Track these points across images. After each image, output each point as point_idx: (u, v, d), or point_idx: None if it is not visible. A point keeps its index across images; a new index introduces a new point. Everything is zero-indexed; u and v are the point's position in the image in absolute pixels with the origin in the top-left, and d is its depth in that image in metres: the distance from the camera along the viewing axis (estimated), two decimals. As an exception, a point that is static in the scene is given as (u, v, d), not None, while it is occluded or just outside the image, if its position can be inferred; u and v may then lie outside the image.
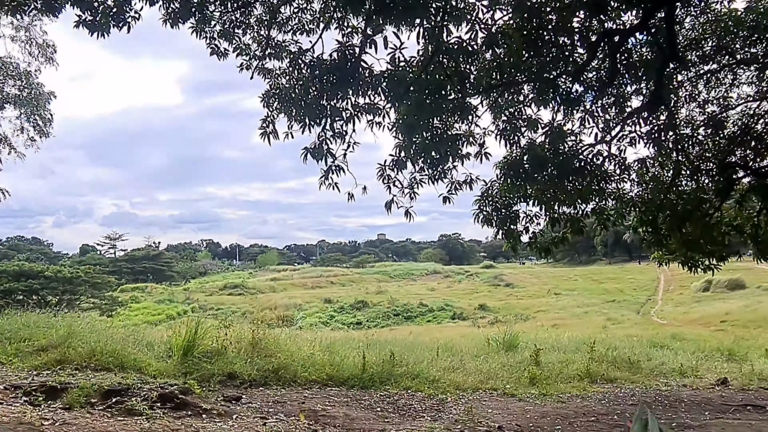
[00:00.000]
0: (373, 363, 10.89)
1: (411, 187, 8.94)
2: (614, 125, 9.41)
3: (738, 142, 10.07)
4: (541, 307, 51.09)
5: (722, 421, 8.81)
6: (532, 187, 9.18)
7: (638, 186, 10.19)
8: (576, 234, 9.73)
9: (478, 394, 10.21)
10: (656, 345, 17.16)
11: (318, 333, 17.37)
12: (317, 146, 7.98)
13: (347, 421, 7.79)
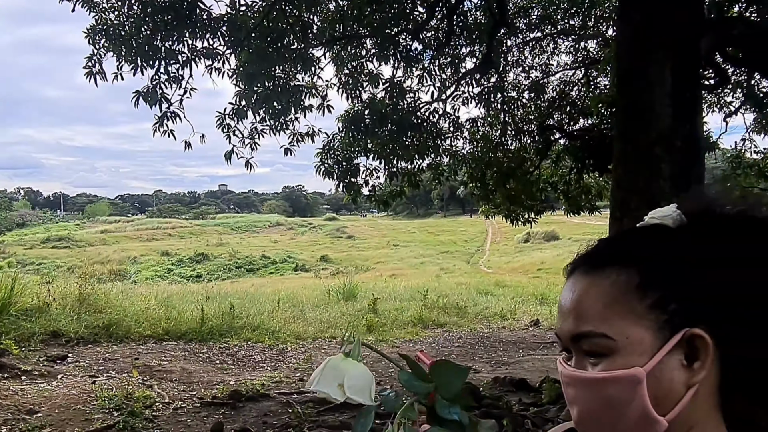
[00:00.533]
0: (212, 316, 10.75)
1: (252, 138, 8.77)
2: (449, 85, 9.89)
3: (556, 106, 11.06)
4: (380, 258, 52.98)
5: (533, 357, 9.89)
6: (372, 141, 9.43)
7: (469, 144, 10.84)
8: (413, 188, 10.21)
9: (318, 343, 10.50)
10: (482, 292, 18.63)
11: (154, 287, 16.64)
12: (150, 90, 7.52)
13: (185, 375, 7.68)
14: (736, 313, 0.68)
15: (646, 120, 5.25)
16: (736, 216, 0.73)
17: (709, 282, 0.69)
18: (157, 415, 5.83)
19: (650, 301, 0.69)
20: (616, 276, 0.72)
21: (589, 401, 0.71)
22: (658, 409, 0.67)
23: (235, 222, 78.01)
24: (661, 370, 0.68)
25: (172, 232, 66.91)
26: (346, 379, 0.62)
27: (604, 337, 0.69)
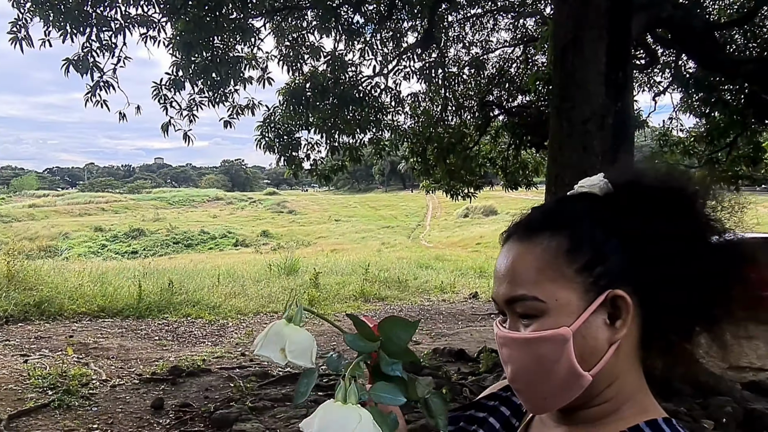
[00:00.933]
0: (150, 292, 10.54)
1: (190, 109, 8.56)
2: (391, 59, 9.88)
3: (495, 83, 11.23)
4: (322, 233, 52.82)
5: (471, 328, 10.17)
6: (313, 115, 9.35)
7: (411, 119, 10.91)
8: (354, 162, 10.21)
9: (260, 318, 10.47)
10: (422, 266, 18.92)
11: (88, 263, 16.10)
12: (81, 58, 7.20)
13: (122, 352, 7.54)
14: (655, 275, 0.74)
15: (580, 97, 5.43)
16: (658, 187, 0.78)
17: (631, 247, 0.75)
18: (94, 393, 5.72)
19: (578, 266, 0.74)
20: (548, 242, 0.76)
21: (521, 360, 0.76)
22: (583, 364, 0.73)
23: (172, 196, 75.94)
24: (587, 329, 0.73)
25: (105, 207, 64.59)
26: (287, 344, 0.63)
27: (536, 300, 0.74)
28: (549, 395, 0.75)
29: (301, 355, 0.63)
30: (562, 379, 0.73)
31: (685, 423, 4.28)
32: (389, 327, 0.67)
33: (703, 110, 10.96)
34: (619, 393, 0.76)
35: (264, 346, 0.64)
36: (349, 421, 0.58)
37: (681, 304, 0.75)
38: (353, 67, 9.59)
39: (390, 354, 0.67)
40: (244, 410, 5.01)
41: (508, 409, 0.92)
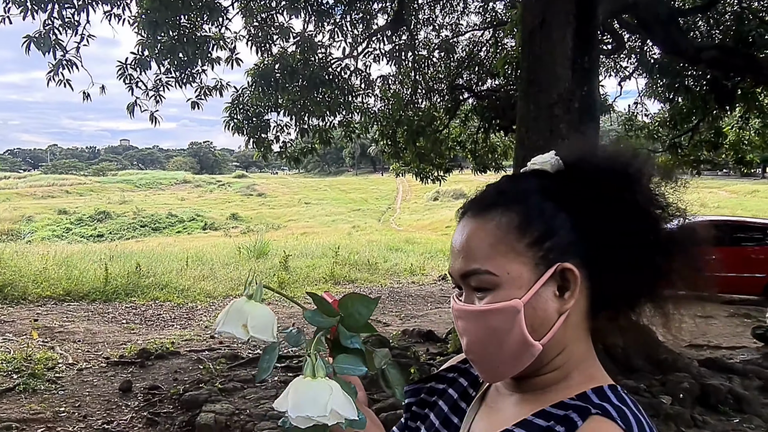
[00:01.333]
0: (116, 275, 10.42)
1: (156, 90, 8.41)
2: (361, 41, 9.84)
3: (465, 66, 11.27)
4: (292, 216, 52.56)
5: (440, 309, 10.29)
6: (283, 96, 9.28)
7: (381, 101, 10.90)
8: (324, 144, 10.18)
9: (229, 300, 10.37)
10: (392, 248, 19.02)
11: (52, 247, 15.78)
12: (43, 35, 7.01)
13: (89, 336, 7.46)
14: (602, 249, 0.78)
15: (547, 81, 5.50)
16: (606, 164, 0.81)
17: (579, 221, 0.79)
18: (61, 377, 5.66)
19: (528, 240, 0.77)
20: (500, 218, 0.79)
21: (476, 331, 0.78)
22: (534, 334, 0.76)
23: (139, 179, 74.60)
24: (537, 301, 0.76)
25: (70, 190, 63.19)
26: (249, 320, 0.65)
27: (489, 274, 0.77)
28: (502, 364, 0.78)
29: (263, 329, 0.65)
30: (514, 348, 0.76)
31: (644, 399, 4.44)
32: (350, 303, 0.70)
33: (667, 95, 11.18)
34: (568, 361, 0.80)
35: (226, 322, 0.66)
36: (322, 394, 0.61)
37: (626, 276, 0.78)
38: (323, 48, 9.52)
39: (351, 329, 0.69)
40: (213, 391, 5.02)
41: (466, 380, 0.95)
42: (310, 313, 0.69)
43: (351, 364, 0.66)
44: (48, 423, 4.45)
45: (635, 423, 0.70)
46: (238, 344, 7.35)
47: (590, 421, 0.70)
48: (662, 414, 4.41)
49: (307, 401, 0.60)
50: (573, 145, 0.87)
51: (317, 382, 0.62)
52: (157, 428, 4.50)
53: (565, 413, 0.73)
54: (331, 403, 0.60)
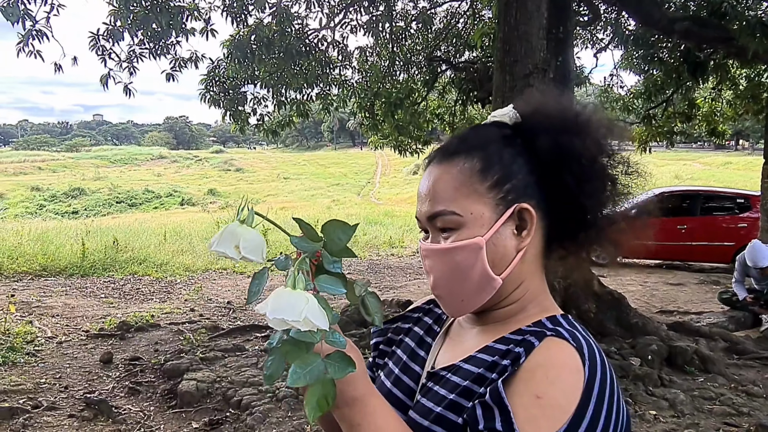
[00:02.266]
0: (94, 250, 10.35)
1: (130, 61, 8.28)
2: (338, 12, 9.75)
3: (443, 38, 11.25)
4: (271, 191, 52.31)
5: (419, 281, 10.42)
6: (259, 68, 9.20)
7: (358, 73, 10.85)
8: (301, 117, 10.14)
9: (209, 274, 10.44)
10: (372, 222, 19.08)
11: (26, 223, 15.59)
12: (11, 4, 6.85)
13: (67, 310, 7.44)
14: (555, 190, 0.86)
15: (523, 51, 5.55)
16: (557, 114, 0.89)
17: (535, 165, 0.86)
18: (40, 350, 5.67)
19: (489, 183, 0.84)
20: (463, 163, 0.86)
21: (441, 268, 0.85)
22: (494, 269, 0.83)
23: (114, 155, 73.48)
24: (497, 238, 0.83)
25: (42, 166, 62.06)
26: (241, 241, 0.70)
27: (454, 214, 0.83)
28: (466, 297, 0.85)
29: (254, 251, 0.70)
30: (476, 282, 0.83)
31: (615, 360, 4.59)
32: (331, 229, 0.75)
33: (642, 67, 11.29)
34: (524, 294, 0.87)
35: (220, 243, 0.70)
36: (299, 302, 0.66)
37: (576, 216, 0.87)
38: (299, 19, 9.42)
39: (331, 253, 0.75)
40: (194, 360, 5.07)
41: (430, 318, 1.03)
42: (296, 239, 0.74)
43: (332, 284, 0.72)
44: (29, 394, 4.48)
45: (585, 343, 0.77)
46: (218, 317, 7.40)
47: (546, 342, 0.77)
48: (631, 374, 4.58)
49: (284, 306, 0.65)
50: (529, 98, 0.94)
51: (296, 293, 0.67)
52: (139, 397, 4.55)
53: (523, 337, 0.81)
54: (306, 311, 0.65)
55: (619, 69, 12.40)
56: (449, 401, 0.83)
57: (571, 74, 5.90)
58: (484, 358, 0.83)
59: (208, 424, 3.99)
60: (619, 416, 0.76)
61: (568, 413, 0.71)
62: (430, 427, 0.82)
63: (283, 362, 0.70)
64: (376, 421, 0.74)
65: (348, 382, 0.72)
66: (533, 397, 0.73)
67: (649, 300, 8.41)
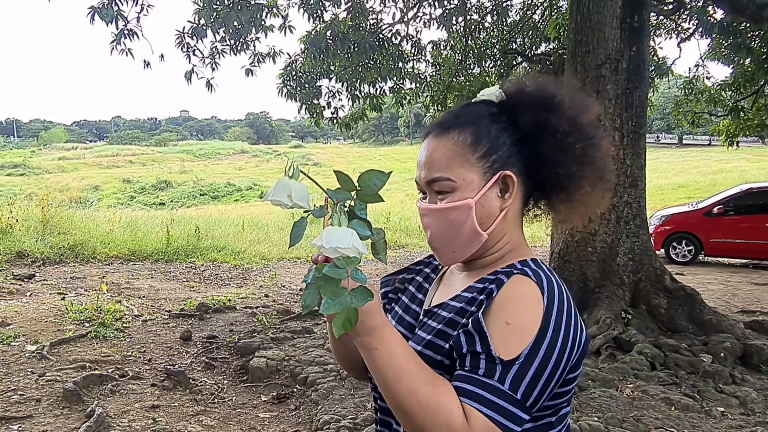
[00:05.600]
0: (177, 237, 10.92)
1: (212, 57, 8.69)
2: (412, 6, 9.84)
3: (518, 30, 11.13)
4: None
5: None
6: (334, 62, 9.43)
7: (432, 67, 10.91)
8: (374, 110, 10.31)
9: (283, 263, 10.81)
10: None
11: (117, 212, 16.62)
12: (105, 6, 7.35)
13: (152, 292, 7.92)
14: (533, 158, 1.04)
15: (595, 41, 5.46)
16: (536, 93, 1.06)
17: (517, 138, 1.04)
18: (128, 327, 6.09)
19: (479, 154, 1.01)
20: (457, 137, 1.03)
21: (438, 224, 1.04)
22: (482, 226, 1.02)
23: (198, 149, 76.58)
24: (485, 200, 1.01)
25: (133, 159, 65.49)
26: (292, 191, 0.84)
27: (449, 180, 1.01)
28: (457, 249, 1.04)
29: (302, 199, 0.85)
30: (466, 237, 1.02)
31: (684, 357, 4.48)
32: (367, 176, 0.89)
33: (731, 57, 10.76)
34: (505, 245, 1.06)
35: (275, 193, 0.85)
36: (346, 235, 0.82)
37: (551, 181, 1.05)
38: (374, 14, 9.59)
39: (365, 198, 0.88)
40: (266, 340, 5.33)
41: (428, 268, 1.24)
42: (332, 191, 0.88)
43: (361, 226, 0.86)
44: (117, 364, 4.85)
45: (545, 278, 0.95)
46: (290, 302, 7.68)
47: (513, 279, 0.96)
48: (701, 371, 4.45)
49: (336, 238, 0.81)
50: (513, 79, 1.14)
51: (343, 229, 0.83)
52: (214, 371, 4.84)
53: (496, 276, 0.99)
54: (353, 240, 0.81)
55: (706, 59, 11.86)
56: (438, 330, 1.01)
57: (646, 65, 5.74)
58: (466, 295, 1.02)
59: (276, 398, 4.22)
60: (577, 334, 0.94)
61: (532, 334, 0.89)
62: (423, 351, 1.00)
63: (317, 294, 0.85)
64: (390, 345, 0.89)
65: (367, 312, 0.87)
66: (504, 323, 0.90)
67: (730, 299, 8.06)
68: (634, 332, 5.09)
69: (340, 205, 0.85)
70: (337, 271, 0.83)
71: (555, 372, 0.90)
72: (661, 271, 5.69)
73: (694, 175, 34.02)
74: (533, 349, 0.88)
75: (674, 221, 11.78)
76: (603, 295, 5.47)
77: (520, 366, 0.87)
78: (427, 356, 0.98)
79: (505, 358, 0.87)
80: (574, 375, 0.99)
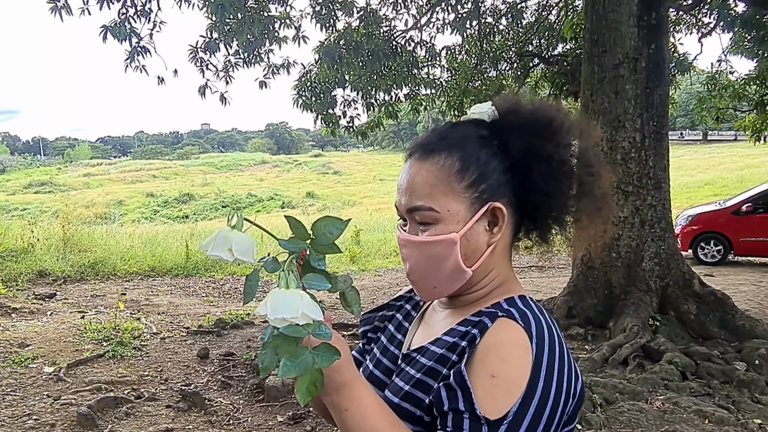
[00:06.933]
0: (197, 252, 10.91)
1: (226, 71, 8.68)
2: (425, 12, 9.75)
3: (534, 31, 10.97)
4: (367, 192, 53.06)
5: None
6: (348, 71, 9.37)
7: (447, 72, 10.79)
8: (390, 118, 10.23)
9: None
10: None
11: (139, 227, 16.75)
12: (118, 24, 7.38)
13: (171, 308, 7.89)
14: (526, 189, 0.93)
15: (612, 40, 5.30)
16: (531, 117, 0.94)
17: (508, 166, 0.93)
18: (145, 345, 6.05)
19: (466, 183, 0.91)
20: (443, 162, 0.92)
21: (417, 258, 0.93)
22: (466, 262, 0.91)
23: (220, 161, 77.32)
24: (471, 234, 0.91)
25: (156, 174, 66.32)
26: (233, 245, 0.75)
27: (431, 210, 0.90)
28: (438, 285, 0.93)
29: (245, 252, 0.75)
30: (449, 273, 0.91)
31: (717, 365, 4.28)
32: (322, 225, 0.77)
33: (756, 51, 10.47)
34: (492, 281, 0.96)
35: (214, 248, 0.75)
36: (294, 300, 0.71)
37: (543, 213, 0.95)
38: (386, 21, 9.51)
39: (319, 249, 0.76)
40: (283, 358, 5.22)
41: (409, 304, 1.13)
42: (284, 241, 0.76)
43: (318, 281, 0.74)
44: (133, 385, 4.79)
45: (533, 321, 0.85)
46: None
47: (497, 323, 0.85)
48: (735, 380, 4.25)
49: (282, 305, 0.70)
50: (506, 97, 0.99)
51: (290, 292, 0.72)
52: (230, 390, 4.76)
53: (480, 319, 0.89)
54: (302, 306, 0.70)
55: (728, 54, 11.57)
56: (416, 380, 0.92)
57: (666, 62, 5.56)
58: (447, 340, 0.92)
59: (292, 418, 4.11)
60: (571, 384, 0.84)
61: (521, 387, 0.78)
62: (400, 403, 0.91)
63: (275, 355, 0.75)
64: (362, 404, 0.80)
65: (335, 369, 0.78)
66: (489, 376, 0.80)
67: (763, 301, 7.78)
68: (663, 340, 4.90)
69: (289, 261, 0.75)
70: (295, 329, 0.72)
71: (548, 430, 0.80)
72: (689, 275, 5.48)
73: (721, 172, 33.37)
74: (522, 406, 0.78)
75: (702, 221, 11.47)
76: (629, 302, 5.28)
77: (508, 426, 0.77)
78: (405, 410, 0.90)
79: (492, 417, 0.77)
80: (569, 429, 0.90)
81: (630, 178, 5.40)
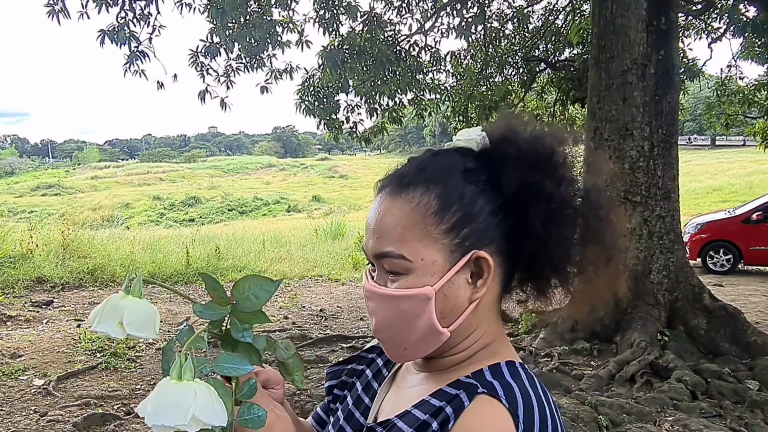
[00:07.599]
0: (197, 258, 10.80)
1: (227, 75, 8.57)
2: (429, 16, 9.62)
3: (541, 36, 10.81)
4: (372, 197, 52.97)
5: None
6: (351, 76, 9.24)
7: (452, 77, 10.65)
8: (394, 123, 10.09)
9: (304, 281, 10.61)
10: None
11: (144, 231, 16.67)
12: (117, 29, 7.28)
13: (170, 316, 7.76)
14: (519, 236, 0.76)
15: (620, 46, 5.15)
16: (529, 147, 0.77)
17: (498, 207, 0.76)
18: (140, 356, 5.92)
19: (445, 226, 0.75)
20: (418, 200, 0.76)
21: (385, 313, 0.77)
22: (443, 321, 0.75)
23: (227, 165, 77.49)
24: (449, 288, 0.75)
25: (163, 177, 66.48)
26: (125, 316, 0.59)
27: (402, 258, 0.74)
28: (409, 346, 0.78)
29: (141, 327, 0.59)
30: (421, 333, 0.76)
31: (729, 384, 4.10)
32: (246, 286, 0.61)
33: (766, 56, 10.31)
34: (475, 342, 0.80)
35: (101, 321, 0.59)
36: (185, 398, 0.54)
37: (541, 263, 0.77)
38: (391, 25, 9.38)
39: (242, 317, 0.61)
40: (278, 372, 5.07)
41: (382, 359, 0.96)
42: (200, 307, 0.62)
43: (235, 362, 0.58)
44: (124, 399, 4.66)
45: (521, 400, 0.69)
46: (310, 324, 7.45)
47: (476, 401, 0.70)
48: (747, 400, 4.08)
49: (166, 407, 0.53)
50: (501, 120, 0.83)
51: (182, 385, 0.55)
52: (222, 407, 4.61)
53: (457, 393, 0.73)
54: (194, 409, 0.53)
55: (738, 59, 11.38)
56: None
57: (675, 69, 5.40)
58: (417, 416, 0.75)
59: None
60: None
61: None
62: None
63: None
64: None
65: None
66: None
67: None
68: (672, 356, 4.73)
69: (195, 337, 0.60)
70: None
71: None
72: (699, 288, 5.31)
73: (729, 178, 33.06)
74: None
75: (710, 229, 11.27)
76: (637, 316, 5.11)
77: None
78: None
79: None
80: None
81: (638, 188, 5.23)
